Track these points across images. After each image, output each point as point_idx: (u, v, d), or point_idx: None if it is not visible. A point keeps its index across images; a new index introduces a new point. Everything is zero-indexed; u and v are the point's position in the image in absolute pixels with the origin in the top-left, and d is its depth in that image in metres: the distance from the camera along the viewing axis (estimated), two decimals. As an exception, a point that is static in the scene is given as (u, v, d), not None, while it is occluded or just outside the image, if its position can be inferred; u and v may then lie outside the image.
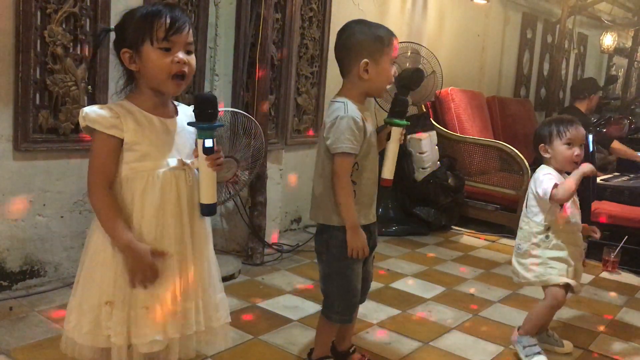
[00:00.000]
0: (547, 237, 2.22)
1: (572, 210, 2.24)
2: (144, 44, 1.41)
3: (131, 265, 1.42)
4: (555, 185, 2.14)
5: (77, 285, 1.49)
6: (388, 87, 1.90)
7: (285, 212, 3.75)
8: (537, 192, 2.20)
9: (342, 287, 1.89)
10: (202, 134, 1.46)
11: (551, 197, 2.15)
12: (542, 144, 2.25)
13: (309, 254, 3.26)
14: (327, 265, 1.91)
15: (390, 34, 1.84)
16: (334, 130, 1.79)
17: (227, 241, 3.28)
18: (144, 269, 1.42)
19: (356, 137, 1.78)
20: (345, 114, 1.78)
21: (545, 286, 2.26)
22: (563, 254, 2.22)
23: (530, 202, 2.27)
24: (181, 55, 1.43)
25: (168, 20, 1.41)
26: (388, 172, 1.93)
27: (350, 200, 1.80)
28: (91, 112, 1.42)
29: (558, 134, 2.21)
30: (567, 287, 2.23)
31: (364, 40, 1.81)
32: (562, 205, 2.20)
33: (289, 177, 3.74)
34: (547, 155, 2.25)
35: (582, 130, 2.21)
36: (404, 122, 1.90)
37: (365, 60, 1.80)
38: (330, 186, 1.84)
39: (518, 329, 2.31)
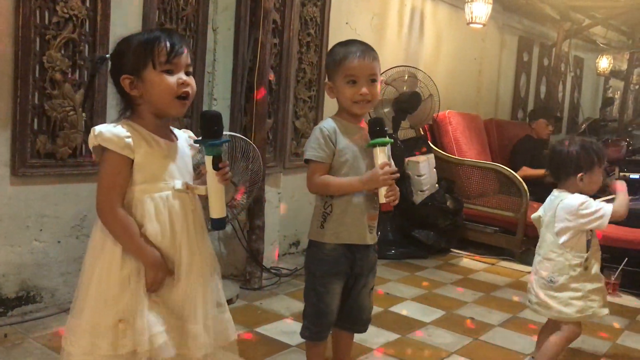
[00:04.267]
0: (586, 268, 2.12)
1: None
2: (145, 68, 1.44)
3: (153, 278, 1.44)
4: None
5: (83, 307, 1.46)
6: (355, 105, 1.83)
7: (284, 236, 3.74)
8: (591, 216, 2.07)
9: (313, 303, 1.91)
10: (210, 150, 1.49)
11: (612, 215, 2.06)
12: (582, 173, 2.13)
13: (307, 278, 3.24)
14: (306, 281, 1.95)
15: (346, 53, 1.80)
16: (307, 142, 1.87)
17: (225, 265, 3.26)
18: (161, 281, 1.46)
19: (321, 145, 1.81)
20: (316, 126, 1.87)
21: (567, 320, 2.17)
22: (601, 284, 2.15)
23: (565, 231, 2.13)
24: (184, 76, 1.47)
25: (168, 44, 1.45)
26: (380, 196, 1.83)
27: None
28: (106, 131, 1.42)
29: (599, 161, 2.13)
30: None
31: (327, 61, 1.90)
32: (592, 231, 2.13)
33: (287, 200, 3.73)
34: (580, 183, 2.14)
35: None
36: (379, 140, 1.79)
37: (326, 81, 1.88)
38: (316, 200, 1.91)
39: None
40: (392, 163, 1.85)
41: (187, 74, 1.49)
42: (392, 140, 1.85)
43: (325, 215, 1.85)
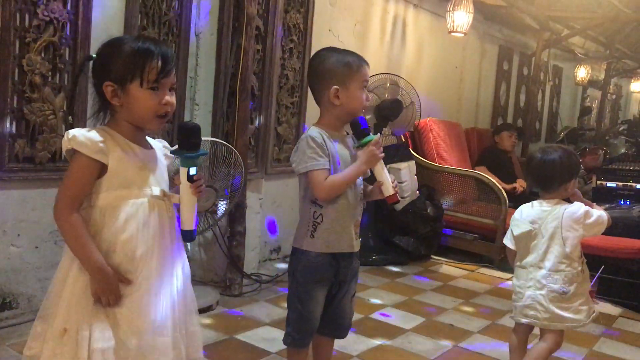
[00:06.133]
0: (583, 271, 2.17)
1: None
2: (132, 82, 1.42)
3: (97, 288, 1.40)
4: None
5: (43, 310, 1.46)
6: (363, 111, 1.90)
7: (265, 242, 3.73)
8: (594, 225, 2.11)
9: (298, 311, 1.90)
10: (186, 162, 1.48)
11: (607, 223, 2.12)
12: (574, 180, 2.20)
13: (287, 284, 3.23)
14: (290, 288, 1.94)
15: (360, 60, 1.87)
16: (297, 153, 1.85)
17: (205, 271, 3.24)
18: (109, 293, 1.41)
19: (317, 152, 1.80)
20: (304, 136, 1.84)
21: (552, 329, 2.18)
22: (589, 284, 2.21)
23: (573, 240, 2.13)
24: (168, 97, 1.46)
25: (160, 63, 1.43)
26: (386, 189, 1.86)
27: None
28: (79, 134, 1.40)
29: (579, 168, 2.23)
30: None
31: (333, 66, 1.85)
32: None
33: (269, 206, 3.73)
34: (569, 189, 2.20)
35: None
36: (368, 138, 1.82)
37: (335, 86, 1.84)
38: (301, 209, 1.89)
39: None
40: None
41: (171, 89, 1.48)
42: (380, 134, 1.87)
43: (315, 224, 1.84)
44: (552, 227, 2.15)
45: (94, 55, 1.49)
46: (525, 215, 2.25)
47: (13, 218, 2.47)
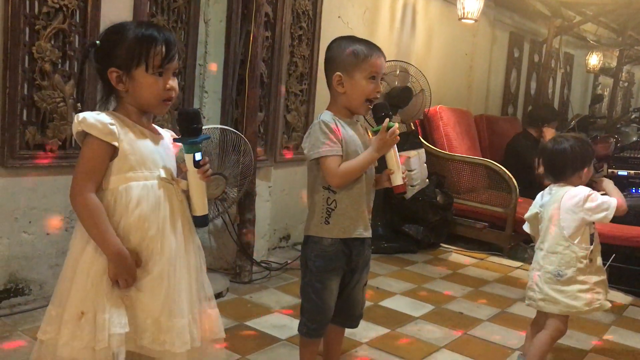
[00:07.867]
0: (590, 260, 2.13)
1: None
2: (137, 68, 1.44)
3: (115, 270, 1.42)
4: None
5: (57, 294, 1.47)
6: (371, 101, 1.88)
7: (274, 230, 3.74)
8: (597, 209, 2.09)
9: (311, 300, 1.90)
10: (190, 148, 1.50)
11: (617, 209, 2.09)
12: (587, 167, 2.18)
13: (297, 271, 3.24)
14: (303, 277, 1.94)
15: (370, 50, 1.85)
16: (309, 138, 1.84)
17: (215, 259, 3.25)
18: (127, 275, 1.43)
19: (331, 139, 1.80)
20: (316, 120, 1.84)
21: (552, 315, 2.18)
22: (604, 277, 2.17)
23: (571, 223, 2.13)
24: (172, 82, 1.49)
25: (164, 49, 1.45)
26: (394, 178, 1.87)
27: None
28: (89, 117, 1.42)
29: (594, 153, 2.20)
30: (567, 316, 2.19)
31: (339, 54, 1.86)
32: (593, 224, 2.16)
33: (278, 194, 3.73)
34: (583, 177, 2.19)
35: None
36: (377, 127, 1.83)
37: (338, 73, 1.84)
38: (311, 197, 1.88)
39: None
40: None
41: (173, 74, 1.51)
42: (396, 123, 1.86)
43: (329, 210, 1.84)
44: (551, 209, 2.18)
45: (97, 42, 1.50)
46: (538, 200, 2.28)
47: (24, 205, 2.49)
